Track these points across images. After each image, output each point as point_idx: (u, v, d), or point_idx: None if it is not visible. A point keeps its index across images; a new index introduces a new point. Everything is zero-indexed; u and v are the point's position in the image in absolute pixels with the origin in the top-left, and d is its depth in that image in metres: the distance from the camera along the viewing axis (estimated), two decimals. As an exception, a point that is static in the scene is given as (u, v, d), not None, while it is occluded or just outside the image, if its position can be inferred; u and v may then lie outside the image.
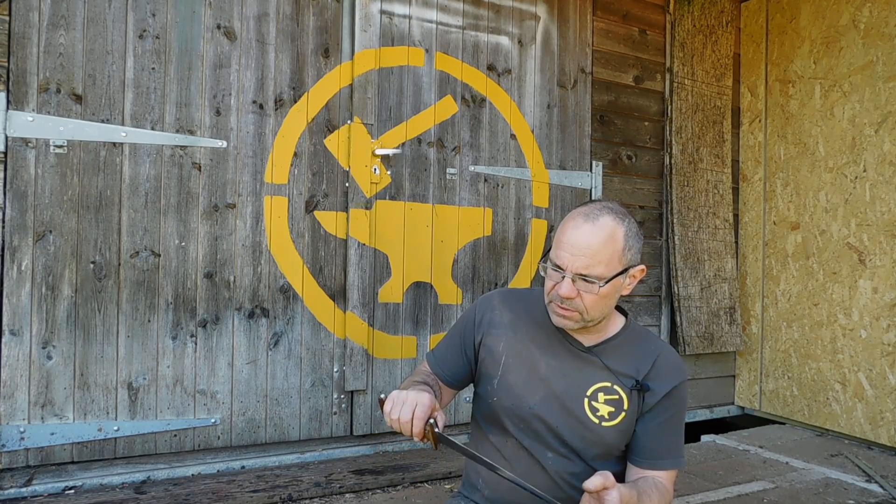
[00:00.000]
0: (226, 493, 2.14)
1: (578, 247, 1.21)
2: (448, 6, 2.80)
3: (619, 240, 1.22)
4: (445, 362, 1.45)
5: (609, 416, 1.30)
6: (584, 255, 1.20)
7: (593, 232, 1.21)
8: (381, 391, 2.67)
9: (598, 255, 1.21)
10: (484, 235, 2.88)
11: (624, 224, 1.24)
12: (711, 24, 3.47)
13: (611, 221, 1.23)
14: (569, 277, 1.22)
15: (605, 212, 1.24)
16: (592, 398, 1.30)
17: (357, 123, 2.59)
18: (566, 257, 1.22)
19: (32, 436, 2.10)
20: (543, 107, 3.03)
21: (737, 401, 3.61)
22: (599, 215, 1.23)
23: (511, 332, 1.39)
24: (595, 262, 1.21)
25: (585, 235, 1.21)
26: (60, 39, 2.14)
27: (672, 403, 1.31)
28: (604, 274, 1.22)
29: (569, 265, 1.22)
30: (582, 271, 1.21)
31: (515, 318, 1.40)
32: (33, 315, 2.10)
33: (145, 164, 2.26)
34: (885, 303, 2.89)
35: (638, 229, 1.27)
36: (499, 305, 1.43)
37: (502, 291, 1.49)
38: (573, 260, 1.21)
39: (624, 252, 1.23)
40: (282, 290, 2.48)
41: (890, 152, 2.90)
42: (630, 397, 1.30)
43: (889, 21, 2.92)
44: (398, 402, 1.14)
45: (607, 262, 1.22)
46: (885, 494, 2.36)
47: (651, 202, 3.35)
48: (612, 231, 1.22)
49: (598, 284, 1.22)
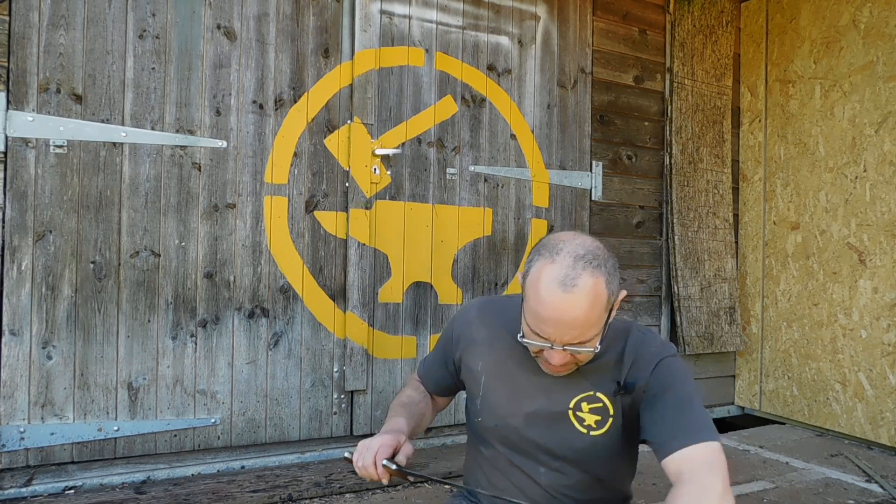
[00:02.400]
0: (226, 493, 2.14)
1: (563, 322, 1.09)
2: (448, 6, 2.80)
3: (603, 293, 1.10)
4: (432, 375, 1.48)
5: (597, 425, 1.25)
6: (573, 327, 1.10)
7: (576, 302, 1.08)
8: (381, 391, 2.67)
9: (587, 322, 1.10)
10: (484, 235, 2.89)
11: (602, 270, 1.10)
12: (711, 24, 3.47)
13: (590, 279, 1.08)
14: (559, 348, 1.12)
15: (579, 267, 1.09)
16: (577, 409, 1.25)
17: (357, 123, 2.59)
18: (551, 332, 1.11)
19: (32, 436, 2.10)
20: (543, 107, 3.03)
21: (737, 401, 3.61)
22: (577, 278, 1.08)
23: (488, 349, 1.34)
24: (585, 330, 1.11)
25: (569, 308, 1.08)
26: (60, 39, 2.14)
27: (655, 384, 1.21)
28: (596, 333, 1.13)
29: (556, 338, 1.11)
30: (573, 342, 1.11)
31: (492, 335, 1.34)
32: (33, 315, 2.10)
33: (145, 164, 2.26)
34: (885, 303, 2.89)
35: (610, 256, 1.15)
36: (475, 320, 1.38)
37: (480, 305, 1.42)
38: (560, 334, 1.11)
39: (609, 300, 1.12)
40: (282, 290, 2.48)
41: (890, 152, 2.90)
42: (615, 403, 1.24)
43: (889, 21, 2.92)
44: (361, 451, 1.22)
45: (596, 321, 1.11)
46: (885, 494, 2.36)
47: (651, 202, 3.35)
48: (595, 290, 1.09)
49: (594, 349, 1.14)
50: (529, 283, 1.13)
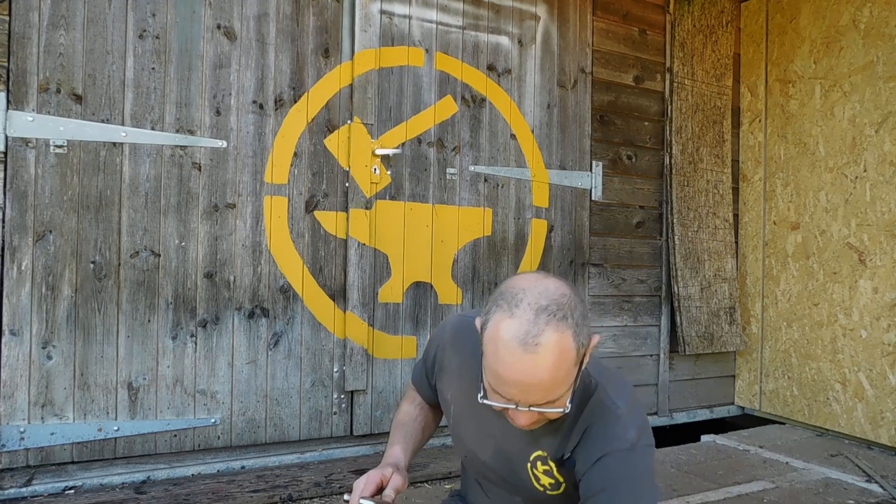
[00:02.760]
0: (226, 493, 2.14)
1: (527, 385, 0.96)
2: (448, 6, 2.80)
3: (570, 349, 0.97)
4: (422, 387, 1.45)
5: (551, 487, 1.17)
6: (538, 389, 0.97)
7: (540, 363, 0.95)
8: (381, 391, 2.67)
9: (553, 384, 0.97)
10: (484, 235, 2.88)
11: (568, 322, 0.97)
12: (711, 24, 3.47)
13: (554, 334, 0.95)
14: (524, 409, 1.00)
15: (542, 321, 0.96)
16: (534, 465, 1.17)
17: (357, 123, 2.59)
18: (515, 394, 0.98)
19: (32, 436, 2.10)
20: (543, 107, 3.03)
21: (737, 401, 3.61)
22: (539, 335, 0.95)
23: (458, 379, 1.26)
24: (552, 391, 0.98)
25: (532, 370, 0.95)
26: (60, 39, 2.14)
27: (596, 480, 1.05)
28: (566, 392, 1.00)
29: (521, 399, 0.99)
30: (540, 402, 0.99)
31: (462, 364, 1.25)
32: (33, 315, 2.10)
33: (145, 164, 2.26)
34: (885, 303, 2.89)
35: (577, 301, 1.01)
36: (448, 346, 1.29)
37: (454, 328, 1.30)
38: (525, 396, 0.98)
39: (578, 353, 0.99)
40: (282, 290, 2.48)
41: (890, 152, 2.90)
42: (561, 472, 1.14)
43: (889, 21, 2.92)
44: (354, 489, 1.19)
45: (564, 380, 0.98)
46: (885, 494, 2.36)
47: (651, 202, 3.35)
48: (560, 347, 0.96)
49: (563, 409, 1.01)
50: (487, 339, 1.00)
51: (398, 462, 1.29)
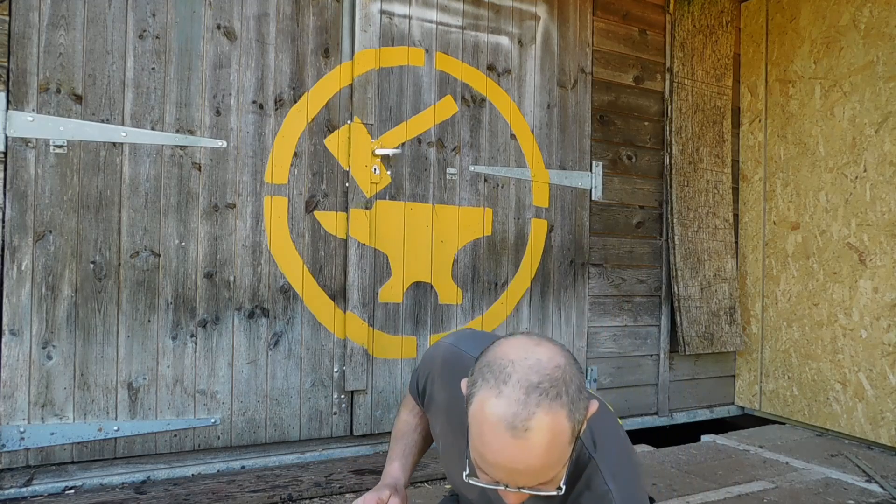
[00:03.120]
0: (226, 493, 2.14)
1: (516, 471, 0.88)
2: (448, 6, 2.80)
3: (565, 430, 0.88)
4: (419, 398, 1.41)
5: None
6: (528, 474, 0.89)
7: (530, 450, 0.86)
8: (381, 391, 2.67)
9: (545, 468, 0.89)
10: (484, 235, 2.88)
11: (562, 400, 0.89)
12: (711, 24, 3.47)
13: (546, 417, 0.86)
14: (513, 490, 0.92)
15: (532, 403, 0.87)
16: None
17: (357, 123, 2.59)
18: (503, 477, 0.90)
19: (32, 436, 2.10)
20: (543, 107, 3.03)
21: (737, 401, 3.61)
22: (529, 419, 0.86)
23: (445, 418, 1.20)
24: (543, 474, 0.89)
25: (521, 457, 0.87)
26: (60, 39, 2.14)
27: None
28: (559, 475, 0.92)
29: (509, 482, 0.91)
30: (529, 485, 0.91)
31: (450, 401, 1.18)
32: (33, 315, 2.10)
33: (145, 164, 2.26)
34: (885, 303, 2.89)
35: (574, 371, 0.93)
36: (438, 379, 1.22)
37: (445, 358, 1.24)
38: (514, 480, 0.90)
39: (573, 430, 0.90)
40: (282, 290, 2.48)
41: (890, 152, 2.90)
42: None
43: (889, 21, 2.92)
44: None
45: (557, 461, 0.89)
46: (885, 494, 2.36)
47: (651, 202, 3.35)
48: (553, 431, 0.87)
49: (555, 492, 0.93)
50: (473, 417, 0.91)
51: (396, 482, 1.28)
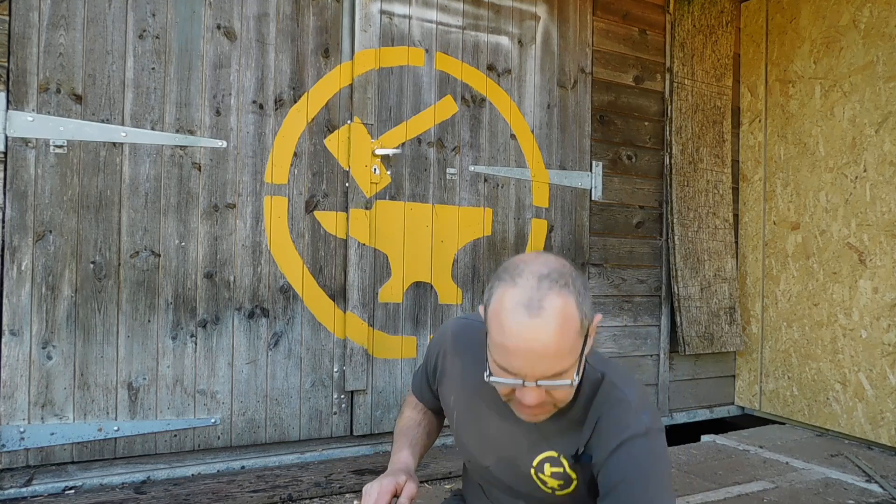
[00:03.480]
0: (226, 493, 2.14)
1: (533, 352, 0.95)
2: (448, 6, 2.80)
3: (574, 315, 0.97)
4: (422, 393, 1.45)
5: (560, 487, 1.14)
6: (544, 357, 0.95)
7: (545, 327, 0.94)
8: (381, 391, 2.67)
9: (559, 350, 0.95)
10: (484, 235, 2.88)
11: (570, 289, 0.97)
12: (711, 24, 3.47)
13: (557, 299, 0.95)
14: (532, 384, 0.97)
15: (544, 288, 0.96)
16: (539, 469, 1.14)
17: (357, 123, 2.59)
18: (520, 366, 0.96)
19: (32, 436, 2.10)
20: (543, 107, 3.03)
21: (737, 401, 3.61)
22: (542, 299, 0.95)
23: (460, 384, 1.26)
24: (559, 360, 0.96)
25: (537, 335, 0.94)
26: (60, 39, 2.14)
27: (616, 469, 1.03)
28: (572, 363, 0.98)
29: (527, 373, 0.96)
30: (547, 374, 0.96)
31: (463, 368, 1.25)
32: (33, 315, 2.10)
33: (145, 164, 2.26)
34: (885, 303, 2.89)
35: (578, 274, 1.02)
36: (450, 351, 1.28)
37: (455, 331, 1.31)
38: (531, 367, 0.96)
39: (582, 323, 0.98)
40: (282, 290, 2.48)
41: (890, 152, 2.90)
42: (575, 468, 1.12)
43: (889, 21, 2.92)
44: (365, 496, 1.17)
45: (571, 349, 0.97)
46: (885, 494, 2.36)
47: (651, 202, 3.35)
48: (564, 312, 0.95)
49: (570, 382, 0.98)
50: (491, 314, 0.99)
51: (408, 467, 1.28)
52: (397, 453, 1.34)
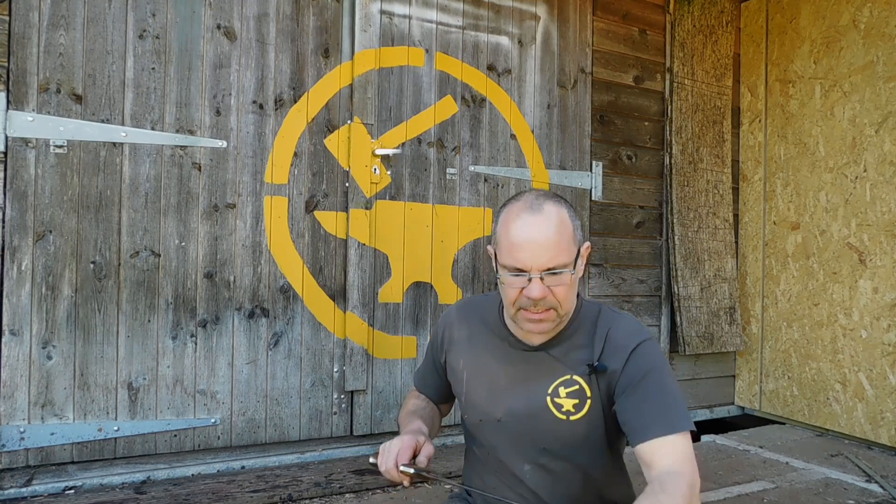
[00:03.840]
0: (226, 493, 2.14)
1: (538, 243, 1.13)
2: (448, 6, 2.80)
3: (568, 222, 1.18)
4: (427, 383, 1.49)
5: (575, 409, 1.24)
6: (546, 248, 1.13)
7: (545, 223, 1.15)
8: (381, 391, 2.67)
9: (558, 244, 1.14)
10: (484, 235, 2.88)
11: (564, 205, 1.21)
12: (711, 24, 3.47)
13: (553, 207, 1.18)
14: (536, 277, 1.14)
15: (541, 199, 1.18)
16: (554, 395, 1.25)
17: (357, 123, 2.59)
18: (527, 259, 1.13)
19: (32, 436, 2.10)
20: (543, 107, 3.03)
21: (737, 401, 3.61)
22: (542, 204, 1.17)
23: (468, 346, 1.36)
24: (558, 252, 1.14)
25: (539, 227, 1.14)
26: (60, 39, 2.14)
27: (632, 370, 1.20)
28: (569, 261, 1.16)
29: (532, 265, 1.13)
30: (549, 265, 1.14)
31: (471, 331, 1.36)
32: (33, 315, 2.10)
33: (145, 164, 2.26)
34: (885, 303, 2.89)
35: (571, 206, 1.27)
36: (456, 321, 1.40)
37: (459, 304, 1.45)
38: (535, 258, 1.13)
39: (574, 233, 1.19)
40: (282, 290, 2.48)
41: (890, 152, 2.90)
42: (590, 383, 1.23)
43: (889, 21, 2.92)
44: (383, 454, 1.22)
45: (567, 247, 1.16)
46: (885, 494, 2.36)
47: (651, 202, 3.35)
48: (560, 216, 1.17)
49: (569, 272, 1.16)
50: (500, 226, 1.19)
51: (422, 431, 1.30)
52: (409, 424, 1.36)
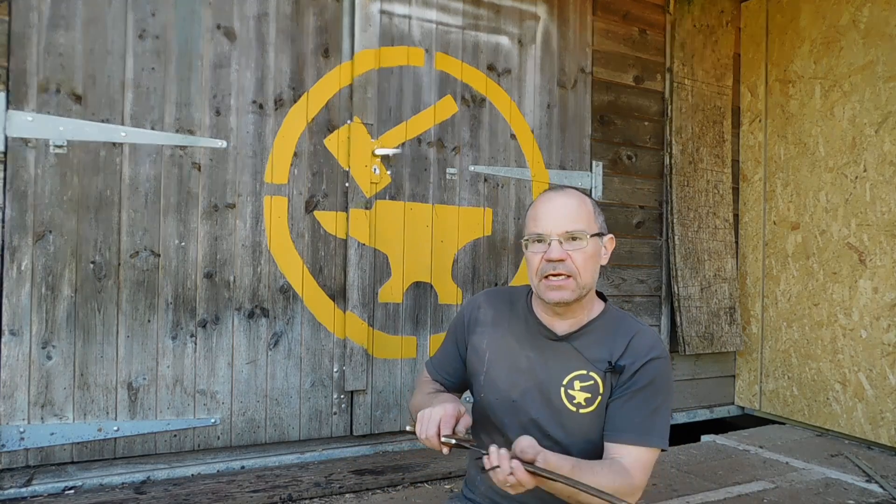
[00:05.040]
0: (226, 493, 2.14)
1: (557, 211, 1.29)
2: (448, 6, 2.80)
3: (589, 203, 1.34)
4: (444, 367, 1.52)
5: (586, 403, 1.31)
6: (565, 215, 1.29)
7: (566, 196, 1.32)
8: (381, 391, 2.67)
9: (577, 213, 1.30)
10: (484, 235, 2.88)
11: (588, 198, 1.36)
12: (711, 24, 3.47)
13: (576, 192, 1.35)
14: (556, 240, 1.28)
15: (568, 188, 1.37)
16: (569, 386, 1.32)
17: (357, 123, 2.59)
18: (548, 224, 1.29)
19: (32, 436, 2.10)
20: (543, 107, 3.03)
21: (737, 401, 3.61)
22: (564, 188, 1.36)
23: (493, 328, 1.44)
24: (576, 219, 1.29)
25: (561, 201, 1.31)
26: (60, 39, 2.14)
27: (641, 378, 1.29)
28: (587, 229, 1.30)
29: (552, 230, 1.28)
30: (567, 228, 1.28)
31: (497, 314, 1.45)
32: (33, 315, 2.10)
33: (145, 165, 2.26)
34: (885, 303, 2.89)
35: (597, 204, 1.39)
36: (483, 304, 1.48)
37: (488, 291, 1.54)
38: (555, 224, 1.28)
39: (595, 216, 1.33)
40: (282, 290, 2.48)
41: (890, 152, 2.90)
42: (605, 381, 1.31)
43: (889, 21, 2.92)
44: (423, 422, 1.19)
45: (586, 220, 1.31)
46: (885, 494, 2.36)
47: (651, 202, 3.35)
48: (581, 197, 1.34)
49: (586, 238, 1.29)
50: (528, 211, 1.36)
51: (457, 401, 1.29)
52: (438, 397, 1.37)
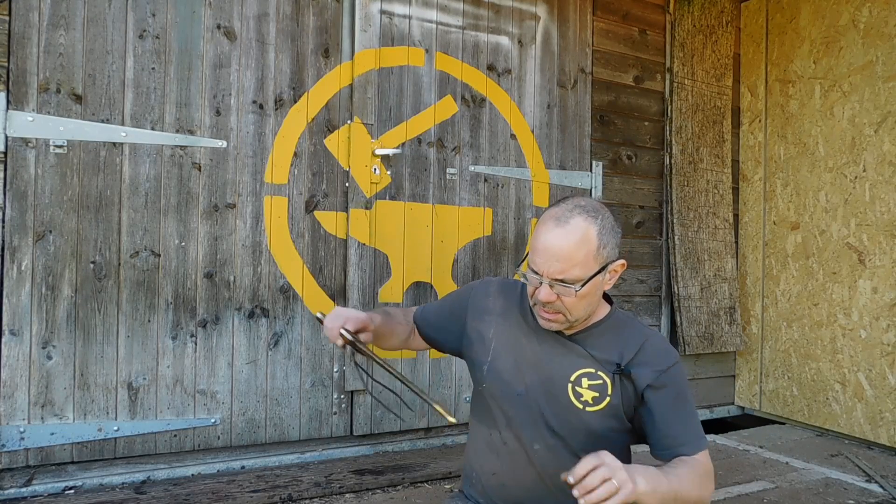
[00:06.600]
0: (226, 493, 2.14)
1: (551, 252, 1.22)
2: (448, 6, 2.80)
3: (593, 239, 1.23)
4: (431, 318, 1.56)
5: (593, 401, 1.30)
6: (558, 260, 1.22)
7: (565, 236, 1.22)
8: (381, 391, 2.66)
9: (572, 258, 1.22)
10: (484, 235, 2.88)
11: (597, 222, 1.24)
12: (711, 24, 3.47)
13: (582, 222, 1.23)
14: (546, 283, 1.23)
15: (576, 212, 1.24)
16: (576, 383, 1.31)
17: (357, 123, 2.59)
18: (541, 263, 1.23)
19: (32, 436, 2.10)
20: (543, 107, 3.03)
21: (737, 401, 3.61)
22: (570, 217, 1.23)
23: (501, 319, 1.43)
24: (570, 266, 1.22)
25: (557, 240, 1.22)
26: (60, 39, 2.14)
27: (670, 386, 1.29)
28: (580, 276, 1.23)
29: (544, 271, 1.23)
30: (557, 276, 1.22)
31: (507, 306, 1.44)
32: (33, 315, 2.10)
33: (145, 164, 2.26)
34: (884, 303, 2.89)
35: (614, 224, 1.29)
36: (494, 293, 1.48)
37: (501, 281, 1.53)
38: (548, 266, 1.22)
39: (599, 251, 1.24)
40: (282, 290, 2.48)
41: (889, 152, 2.90)
42: (614, 382, 1.30)
43: (889, 21, 2.92)
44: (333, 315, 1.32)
45: (582, 263, 1.23)
46: (885, 494, 2.37)
47: (651, 202, 3.35)
48: (584, 233, 1.23)
49: (575, 288, 1.23)
50: (536, 226, 1.29)
51: (378, 323, 1.41)
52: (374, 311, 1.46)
